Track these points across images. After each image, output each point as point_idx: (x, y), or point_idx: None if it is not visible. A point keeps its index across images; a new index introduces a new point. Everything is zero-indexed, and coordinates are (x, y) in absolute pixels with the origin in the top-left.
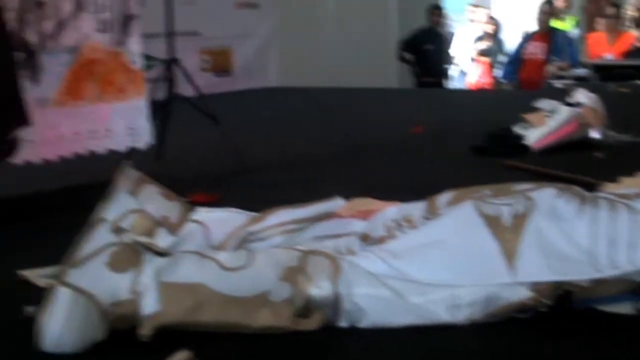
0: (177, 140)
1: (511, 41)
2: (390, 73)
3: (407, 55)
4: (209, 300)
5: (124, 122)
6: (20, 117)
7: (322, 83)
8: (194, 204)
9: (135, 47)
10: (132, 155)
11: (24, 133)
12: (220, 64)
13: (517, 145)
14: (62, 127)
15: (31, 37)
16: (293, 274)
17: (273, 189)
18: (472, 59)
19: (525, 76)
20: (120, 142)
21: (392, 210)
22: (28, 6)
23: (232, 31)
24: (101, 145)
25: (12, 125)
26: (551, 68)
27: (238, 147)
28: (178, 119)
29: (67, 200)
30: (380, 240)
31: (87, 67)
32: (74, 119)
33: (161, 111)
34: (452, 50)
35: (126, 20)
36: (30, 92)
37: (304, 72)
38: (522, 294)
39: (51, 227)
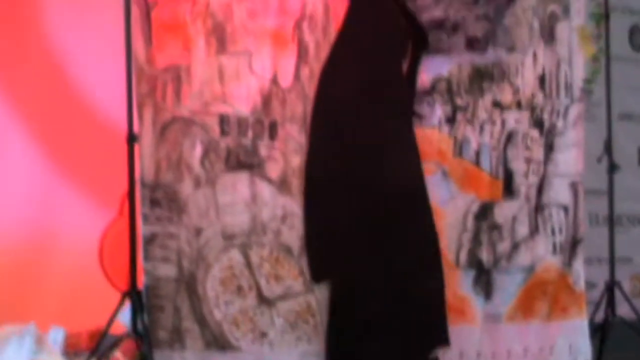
0: None
1: None
2: None
3: None
4: None
5: (566, 341)
6: (442, 337)
7: None
8: None
9: (579, 269)
10: None
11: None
12: None
13: None
14: (512, 343)
15: (485, 256)
16: None
17: None
18: None
19: None
20: None
21: None
22: (482, 228)
23: None
24: None
25: (434, 344)
26: None
27: None
28: (615, 342)
29: None
30: None
31: (540, 287)
32: (524, 335)
33: (600, 332)
34: None
35: (574, 243)
36: (483, 308)
37: None
38: None
39: None
